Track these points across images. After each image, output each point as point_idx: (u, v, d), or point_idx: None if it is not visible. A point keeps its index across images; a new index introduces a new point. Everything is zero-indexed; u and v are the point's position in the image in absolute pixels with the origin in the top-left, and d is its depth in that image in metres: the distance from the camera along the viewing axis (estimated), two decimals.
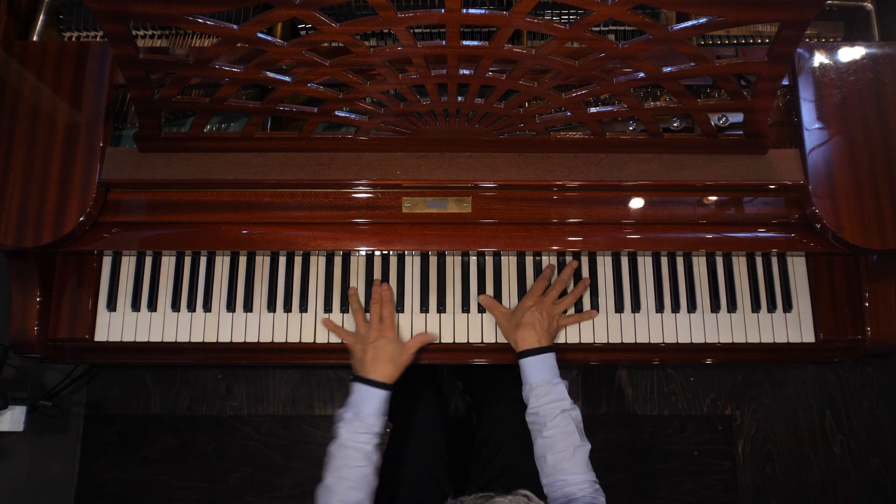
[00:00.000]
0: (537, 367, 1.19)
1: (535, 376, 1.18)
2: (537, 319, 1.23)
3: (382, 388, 1.18)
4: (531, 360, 1.20)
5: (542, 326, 1.23)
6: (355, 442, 1.12)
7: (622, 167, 1.22)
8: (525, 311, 1.25)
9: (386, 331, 1.24)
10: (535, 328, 1.22)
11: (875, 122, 1.20)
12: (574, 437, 1.13)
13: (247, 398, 2.12)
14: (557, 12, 1.32)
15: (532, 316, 1.24)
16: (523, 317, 1.24)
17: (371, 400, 1.16)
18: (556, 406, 1.15)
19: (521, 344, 1.22)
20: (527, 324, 1.23)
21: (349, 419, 1.14)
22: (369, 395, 1.17)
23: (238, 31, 0.99)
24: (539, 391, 1.17)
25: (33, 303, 1.27)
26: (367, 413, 1.15)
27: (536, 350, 1.20)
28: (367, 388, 1.17)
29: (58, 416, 1.84)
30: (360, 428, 1.13)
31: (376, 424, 1.15)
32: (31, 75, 1.22)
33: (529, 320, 1.23)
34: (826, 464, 2.10)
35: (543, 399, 1.16)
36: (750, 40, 1.35)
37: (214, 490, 2.06)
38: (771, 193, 1.24)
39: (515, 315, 1.26)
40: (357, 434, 1.13)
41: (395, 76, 1.08)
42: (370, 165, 1.22)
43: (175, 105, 1.14)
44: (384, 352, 1.21)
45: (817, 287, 1.33)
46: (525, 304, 1.26)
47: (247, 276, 1.34)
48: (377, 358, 1.20)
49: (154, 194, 1.25)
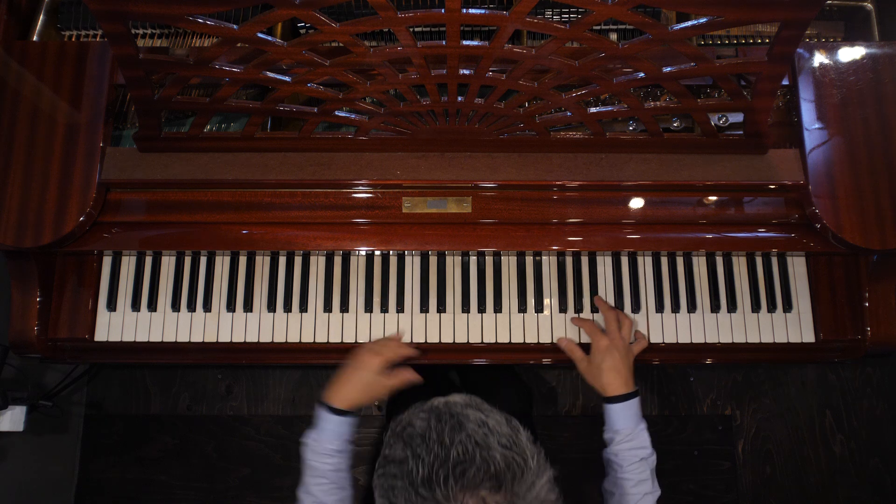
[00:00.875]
0: (624, 413, 1.18)
1: (620, 422, 1.18)
2: (618, 360, 1.20)
3: (341, 415, 1.15)
4: (618, 406, 1.18)
5: (624, 366, 1.20)
6: (317, 462, 1.12)
7: (622, 167, 1.22)
8: (604, 354, 1.21)
9: (373, 361, 1.18)
10: (620, 372, 1.19)
11: (875, 122, 1.20)
12: (647, 483, 1.15)
13: (247, 398, 2.12)
14: (557, 12, 1.32)
15: (613, 358, 1.20)
16: (604, 360, 1.21)
17: (329, 424, 1.14)
18: (636, 454, 1.16)
19: (608, 390, 1.19)
20: (611, 368, 1.20)
21: (311, 443, 1.14)
22: (328, 420, 1.14)
23: (238, 31, 0.99)
24: (622, 436, 1.16)
25: (33, 303, 1.27)
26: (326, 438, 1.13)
27: (625, 396, 1.18)
28: (326, 414, 1.15)
29: (58, 416, 1.84)
30: (321, 450, 1.13)
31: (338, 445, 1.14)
32: (31, 75, 1.22)
33: (611, 364, 1.20)
34: (826, 464, 2.10)
35: (625, 445, 1.16)
36: (750, 40, 1.35)
37: (214, 490, 2.06)
38: (771, 193, 1.24)
39: (595, 360, 1.22)
40: (320, 455, 1.13)
41: (395, 76, 1.08)
42: (370, 165, 1.22)
43: (175, 105, 1.14)
44: (354, 377, 1.17)
45: (817, 287, 1.33)
46: (600, 346, 1.22)
47: (247, 276, 1.34)
48: (346, 379, 1.17)
49: (154, 194, 1.25)
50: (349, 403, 1.16)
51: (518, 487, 0.72)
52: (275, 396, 2.12)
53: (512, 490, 0.72)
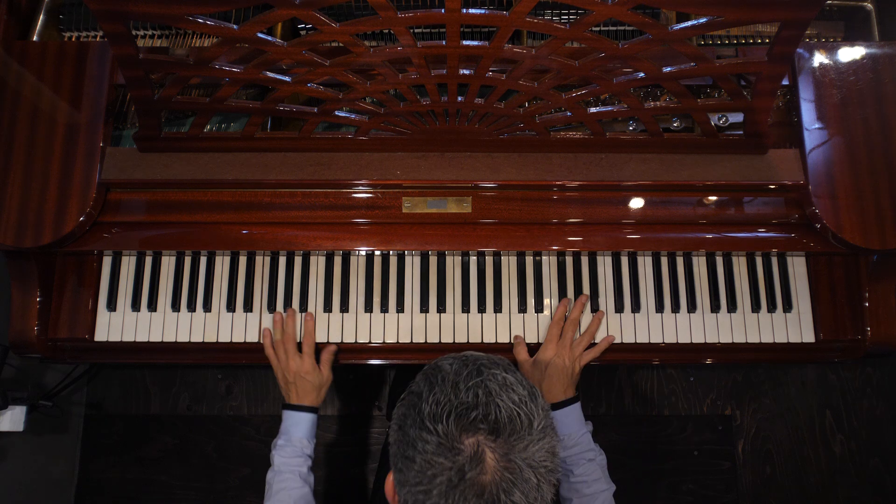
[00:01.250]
0: (563, 420, 1.20)
1: (562, 429, 1.19)
2: (561, 369, 1.23)
3: (309, 412, 1.23)
4: (557, 414, 1.20)
5: (566, 376, 1.22)
6: (290, 466, 1.17)
7: (622, 167, 1.22)
8: (547, 362, 1.23)
9: (304, 367, 1.25)
10: (560, 380, 1.22)
11: (875, 122, 1.20)
12: (600, 482, 1.15)
13: (247, 398, 2.12)
14: (557, 12, 1.32)
15: (555, 367, 1.23)
16: (546, 369, 1.23)
17: (300, 424, 1.22)
18: (583, 456, 1.17)
19: (547, 398, 1.19)
20: (551, 376, 1.22)
21: (282, 445, 1.20)
22: (298, 419, 1.22)
23: (238, 31, 0.99)
24: (566, 442, 1.18)
25: (33, 303, 1.27)
26: (297, 437, 1.20)
27: (562, 403, 1.20)
28: (295, 414, 1.23)
29: (58, 416, 1.84)
30: (292, 452, 1.19)
31: (308, 447, 1.21)
32: (31, 75, 1.22)
33: (553, 372, 1.22)
34: (826, 464, 2.10)
35: (571, 451, 1.17)
36: (750, 40, 1.35)
37: (214, 490, 2.06)
38: (771, 193, 1.24)
39: (537, 367, 1.24)
40: (290, 458, 1.18)
41: (395, 76, 1.08)
42: (370, 165, 1.22)
43: (175, 105, 1.14)
44: (304, 387, 1.24)
45: (817, 287, 1.33)
46: (546, 355, 1.24)
47: (247, 276, 1.34)
48: (299, 392, 1.24)
49: (154, 194, 1.25)
50: (314, 402, 1.25)
51: (515, 441, 0.75)
52: (275, 396, 2.12)
53: (508, 441, 0.75)
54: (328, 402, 2.12)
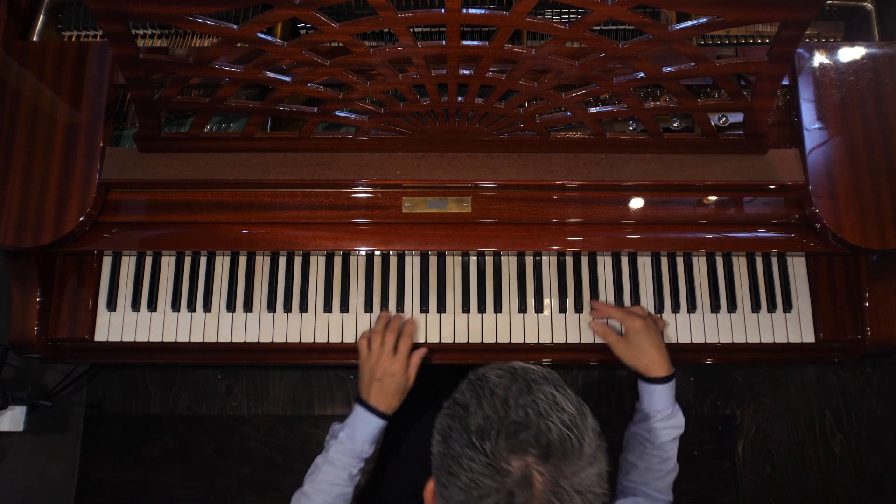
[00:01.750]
0: (665, 395, 1.19)
1: (661, 403, 1.19)
2: (656, 338, 1.21)
3: (381, 418, 1.18)
4: (663, 388, 1.19)
5: (662, 345, 1.21)
6: (342, 462, 1.14)
7: (622, 167, 1.22)
8: (642, 332, 1.21)
9: (396, 366, 1.20)
10: (662, 352, 1.20)
11: (875, 122, 1.20)
12: (671, 461, 1.17)
13: (247, 398, 2.12)
14: (557, 12, 1.32)
15: (651, 337, 1.21)
16: (644, 339, 1.21)
17: (369, 426, 1.17)
18: (672, 433, 1.18)
19: (652, 369, 1.19)
20: (653, 346, 1.20)
21: (342, 440, 1.15)
22: (368, 420, 1.17)
23: (238, 31, 0.99)
24: (662, 415, 1.18)
25: (33, 303, 1.27)
26: (362, 439, 1.16)
27: (669, 377, 1.19)
28: (366, 414, 1.17)
29: (58, 416, 1.83)
30: (350, 451, 1.14)
31: (366, 451, 1.16)
32: (31, 75, 1.22)
33: (654, 342, 1.20)
34: (826, 464, 2.10)
35: (663, 423, 1.18)
36: (750, 40, 1.35)
37: (214, 490, 2.06)
38: (771, 193, 1.24)
39: (633, 339, 1.22)
40: (345, 456, 1.14)
41: (395, 76, 1.08)
42: (370, 165, 1.22)
43: (175, 105, 1.14)
44: (388, 388, 1.19)
45: (817, 287, 1.33)
46: (635, 326, 1.22)
47: (247, 276, 1.34)
48: (382, 391, 1.19)
49: (154, 194, 1.25)
50: (388, 408, 1.19)
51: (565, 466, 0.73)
52: (275, 396, 2.12)
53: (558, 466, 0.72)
54: (328, 402, 2.12)
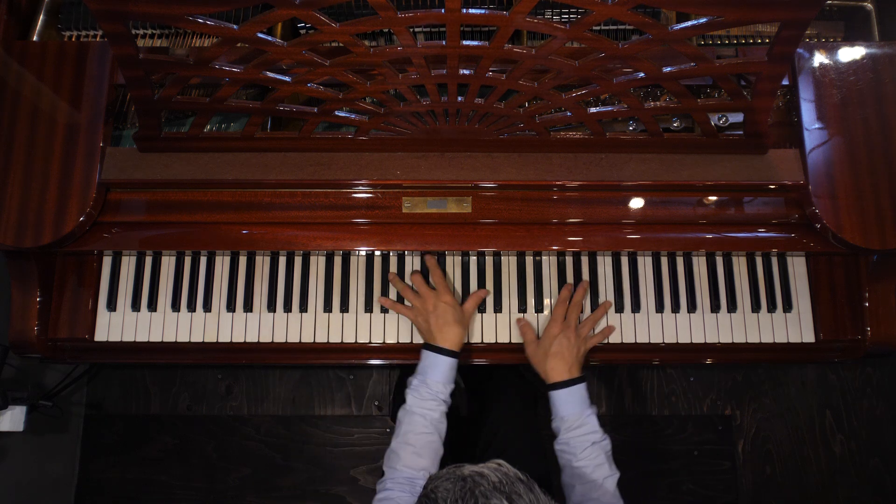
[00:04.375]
0: (567, 399, 1.17)
1: (565, 409, 1.17)
2: (566, 347, 1.21)
3: (450, 356, 1.19)
4: (562, 392, 1.18)
5: (571, 355, 1.21)
6: (422, 408, 1.14)
7: (622, 167, 1.22)
8: (552, 339, 1.22)
9: (443, 295, 1.24)
10: (564, 358, 1.20)
11: (875, 122, 1.20)
12: (604, 467, 1.13)
13: (247, 398, 2.12)
14: (557, 12, 1.32)
15: (560, 344, 1.21)
16: (551, 346, 1.21)
17: (438, 366, 1.18)
18: (587, 438, 1.14)
19: (551, 376, 1.20)
20: (555, 353, 1.20)
21: (416, 386, 1.17)
22: (437, 361, 1.18)
23: (238, 31, 0.99)
24: (569, 423, 1.16)
25: (33, 303, 1.27)
26: (434, 380, 1.16)
27: (567, 382, 1.18)
28: (434, 356, 1.19)
29: (58, 416, 1.83)
30: (426, 395, 1.15)
31: (443, 391, 1.17)
32: (31, 75, 1.22)
33: (558, 349, 1.20)
34: (826, 464, 2.10)
35: (574, 432, 1.15)
36: (750, 40, 1.35)
37: (214, 490, 2.06)
38: (771, 193, 1.24)
39: (543, 344, 1.23)
40: (424, 401, 1.15)
41: (395, 76, 1.08)
42: (370, 165, 1.22)
43: (175, 105, 1.14)
44: (446, 316, 1.21)
45: (817, 287, 1.33)
46: (551, 332, 1.23)
47: (247, 276, 1.34)
48: (442, 324, 1.21)
49: (154, 194, 1.25)
50: (457, 343, 1.20)
51: None
52: (275, 396, 2.12)
53: None
54: (328, 402, 2.12)
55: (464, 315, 1.25)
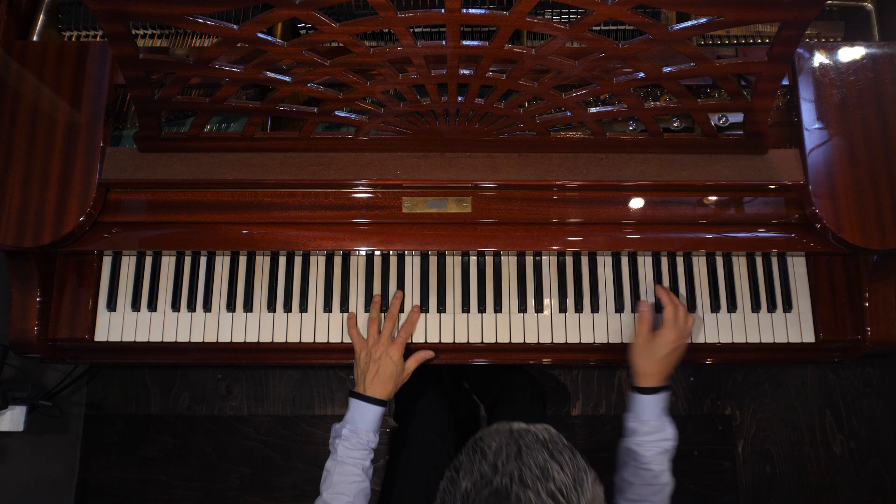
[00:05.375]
0: (653, 405, 1.18)
1: (648, 412, 1.18)
2: (674, 360, 1.20)
3: (378, 405, 1.20)
4: (651, 398, 1.18)
5: (673, 367, 1.21)
6: (352, 458, 1.15)
7: (622, 167, 1.22)
8: (666, 348, 1.20)
9: (393, 351, 1.23)
10: (666, 369, 1.20)
11: (875, 122, 1.20)
12: (666, 474, 1.15)
13: (247, 398, 2.12)
14: (557, 12, 1.32)
15: (671, 357, 1.20)
16: (661, 351, 1.20)
17: (367, 415, 1.19)
18: (661, 445, 1.16)
19: (646, 379, 1.19)
20: (662, 361, 1.19)
21: (346, 436, 1.17)
22: (366, 410, 1.19)
23: (238, 31, 0.99)
24: (650, 427, 1.17)
25: (33, 303, 1.27)
26: (364, 429, 1.17)
27: (657, 389, 1.19)
28: (364, 405, 1.19)
29: (58, 416, 1.84)
30: (357, 444, 1.16)
31: (373, 440, 1.18)
32: (31, 75, 1.22)
33: (668, 359, 1.20)
34: (826, 464, 2.10)
35: (653, 436, 1.16)
36: (750, 40, 1.35)
37: (214, 490, 2.06)
38: (771, 193, 1.24)
39: (655, 347, 1.21)
40: (354, 450, 1.16)
41: (395, 76, 1.08)
42: (370, 165, 1.22)
43: (175, 105, 1.14)
44: (385, 371, 1.22)
45: (817, 287, 1.33)
46: (668, 338, 1.20)
47: (247, 276, 1.34)
48: (377, 376, 1.21)
49: (154, 194, 1.25)
50: (382, 394, 1.21)
51: None
52: (275, 396, 2.12)
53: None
54: (328, 402, 2.12)
55: (402, 373, 1.24)
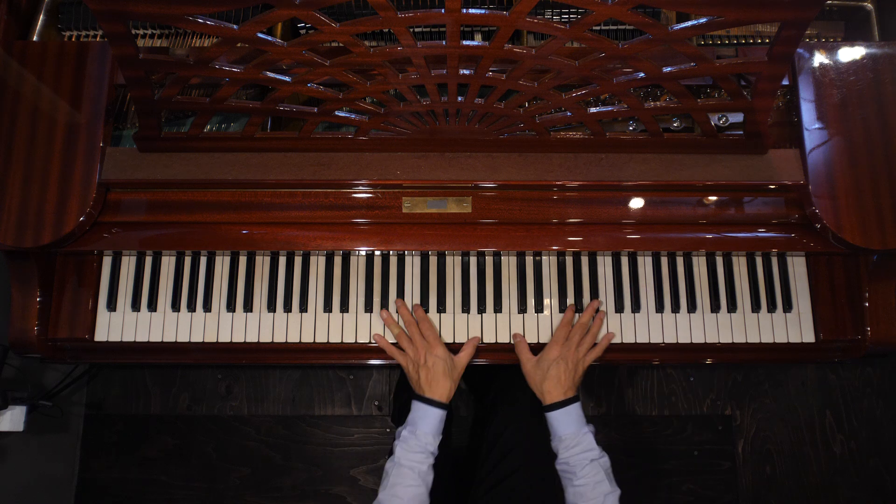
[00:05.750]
0: (564, 420, 1.19)
1: (562, 429, 1.19)
2: (563, 371, 1.22)
3: (439, 408, 1.20)
4: (558, 413, 1.20)
5: (567, 378, 1.22)
6: (410, 461, 1.15)
7: (622, 167, 1.22)
8: (551, 362, 1.23)
9: (433, 348, 1.24)
10: (560, 381, 1.21)
11: (875, 122, 1.20)
12: (604, 484, 1.14)
13: (247, 398, 2.12)
14: (557, 12, 1.32)
15: (558, 369, 1.22)
16: (549, 369, 1.22)
17: (428, 419, 1.18)
18: (586, 456, 1.16)
19: (546, 398, 1.21)
20: (552, 377, 1.21)
21: (405, 437, 1.17)
22: (427, 413, 1.19)
23: (238, 31, 0.99)
24: (567, 443, 1.17)
25: (33, 303, 1.27)
26: (424, 432, 1.17)
27: (562, 403, 1.20)
28: (424, 407, 1.20)
29: (58, 416, 1.84)
30: (415, 447, 1.16)
31: (431, 444, 1.17)
32: (31, 75, 1.22)
33: (555, 373, 1.22)
34: (826, 464, 2.10)
35: (573, 451, 1.16)
36: (750, 40, 1.35)
37: (214, 490, 2.06)
38: (771, 193, 1.24)
39: (541, 366, 1.24)
40: (412, 453, 1.15)
41: (395, 76, 1.08)
42: (370, 165, 1.22)
43: (175, 105, 1.14)
44: (436, 370, 1.22)
45: (817, 287, 1.33)
46: (551, 355, 1.24)
47: (247, 276, 1.34)
48: (431, 378, 1.22)
49: (154, 194, 1.25)
50: (441, 394, 1.21)
51: None
52: (275, 396, 2.12)
53: None
54: (328, 402, 2.12)
55: (455, 366, 1.25)
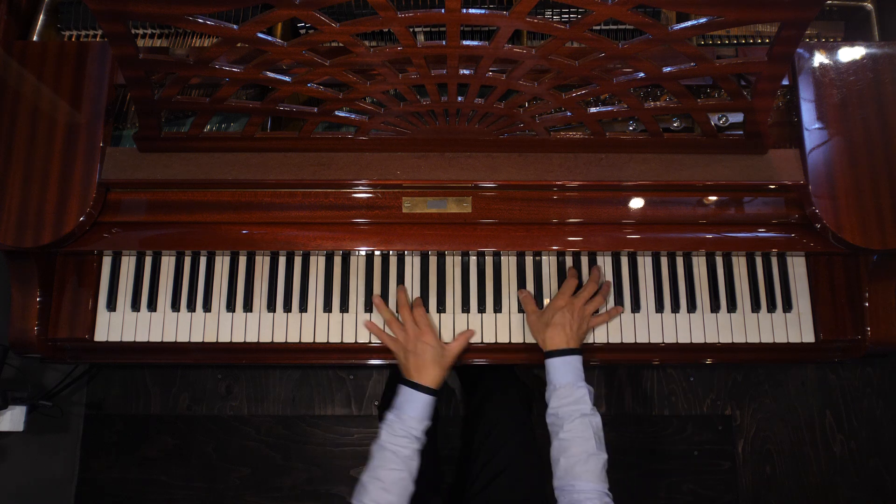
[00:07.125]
0: (562, 368, 1.18)
1: (559, 378, 1.17)
2: (567, 320, 1.21)
3: (427, 393, 1.19)
4: (557, 360, 1.19)
5: (571, 328, 1.21)
6: (393, 445, 1.14)
7: (622, 167, 1.22)
8: (556, 310, 1.23)
9: (424, 335, 1.23)
10: (564, 329, 1.21)
11: (875, 122, 1.20)
12: (590, 443, 1.11)
13: (247, 398, 2.12)
14: (557, 12, 1.32)
15: (563, 316, 1.22)
16: (553, 316, 1.22)
17: (414, 402, 1.18)
18: (576, 409, 1.14)
19: (548, 343, 1.21)
20: (556, 323, 1.21)
21: (390, 421, 1.16)
22: (413, 397, 1.18)
23: (238, 31, 0.99)
24: (561, 392, 1.16)
25: (33, 303, 1.27)
26: (409, 416, 1.16)
27: (563, 351, 1.19)
28: (410, 391, 1.19)
29: (58, 416, 1.84)
30: (399, 431, 1.15)
31: (417, 428, 1.16)
32: (31, 75, 1.22)
33: (560, 320, 1.21)
34: (826, 464, 2.10)
35: (564, 401, 1.15)
36: (750, 40, 1.35)
37: (214, 490, 2.06)
38: (771, 193, 1.24)
39: (545, 314, 1.24)
40: (396, 437, 1.14)
41: (395, 76, 1.08)
42: (370, 165, 1.22)
43: (175, 105, 1.14)
44: (425, 356, 1.21)
45: (817, 287, 1.33)
46: (556, 304, 1.24)
47: (247, 276, 1.34)
48: (420, 363, 1.21)
49: (154, 194, 1.25)
50: (430, 380, 1.20)
51: None
52: (275, 396, 2.12)
53: None
54: (328, 402, 2.12)
55: (445, 355, 1.24)
